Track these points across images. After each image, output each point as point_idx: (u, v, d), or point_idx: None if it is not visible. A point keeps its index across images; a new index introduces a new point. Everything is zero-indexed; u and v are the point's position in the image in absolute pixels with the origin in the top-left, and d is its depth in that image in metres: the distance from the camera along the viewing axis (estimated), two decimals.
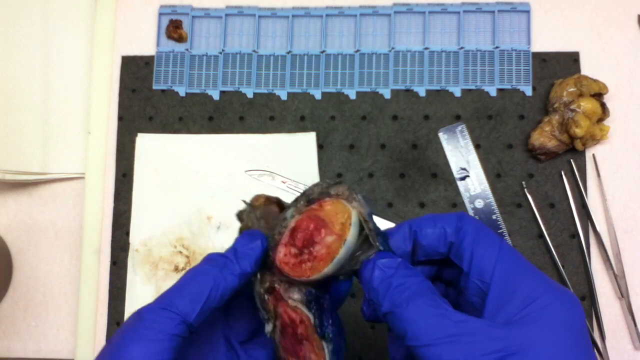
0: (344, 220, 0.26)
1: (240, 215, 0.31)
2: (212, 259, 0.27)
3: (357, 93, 0.50)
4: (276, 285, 0.28)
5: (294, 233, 0.27)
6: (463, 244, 0.26)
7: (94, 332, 0.48)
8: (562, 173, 0.48)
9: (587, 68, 0.49)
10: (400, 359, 0.27)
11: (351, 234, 0.26)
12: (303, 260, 0.26)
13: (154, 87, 0.52)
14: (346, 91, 0.50)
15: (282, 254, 0.27)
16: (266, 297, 0.28)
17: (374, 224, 0.27)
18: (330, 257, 0.26)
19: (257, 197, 0.30)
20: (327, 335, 0.26)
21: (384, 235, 0.28)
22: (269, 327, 0.28)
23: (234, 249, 0.27)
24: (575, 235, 0.47)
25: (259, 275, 0.28)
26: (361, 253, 0.27)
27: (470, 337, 0.22)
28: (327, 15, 0.52)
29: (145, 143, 0.51)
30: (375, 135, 0.50)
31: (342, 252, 0.26)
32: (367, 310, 0.28)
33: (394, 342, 0.28)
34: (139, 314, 0.25)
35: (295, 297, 0.27)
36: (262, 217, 0.29)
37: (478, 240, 0.26)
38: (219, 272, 0.26)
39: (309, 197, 0.28)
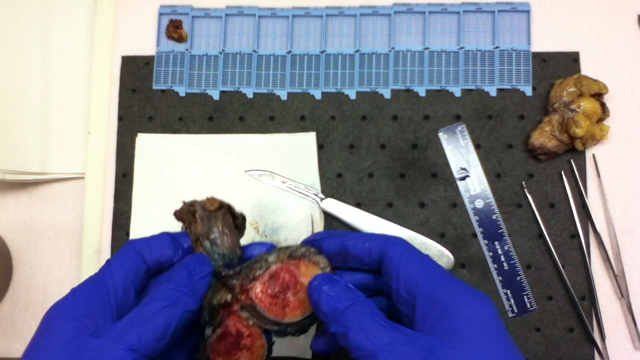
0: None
1: (180, 217, 0.33)
2: (165, 292, 0.28)
3: (357, 93, 0.50)
4: (234, 305, 0.31)
5: (273, 277, 0.31)
6: (391, 264, 0.30)
7: None
8: (562, 173, 0.48)
9: (587, 68, 0.49)
10: (322, 351, 0.32)
11: None
12: (277, 304, 0.30)
13: (154, 87, 0.52)
14: (346, 91, 0.50)
15: (259, 290, 0.30)
16: (217, 308, 0.31)
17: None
18: (302, 311, 0.30)
19: (211, 201, 0.32)
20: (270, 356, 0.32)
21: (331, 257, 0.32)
22: (209, 331, 0.31)
23: (188, 274, 0.29)
24: (575, 235, 0.47)
25: (211, 289, 0.31)
26: None
27: (401, 346, 0.25)
28: (327, 15, 0.52)
29: (145, 143, 0.51)
30: (375, 135, 0.50)
31: (310, 310, 0.30)
32: (316, 346, 0.32)
33: (318, 338, 0.32)
34: (91, 350, 0.26)
35: (248, 319, 0.31)
36: (206, 220, 0.31)
37: (403, 259, 0.29)
38: (175, 309, 0.28)
39: (292, 253, 0.32)
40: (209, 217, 0.32)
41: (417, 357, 0.25)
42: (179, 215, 0.34)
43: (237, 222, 0.33)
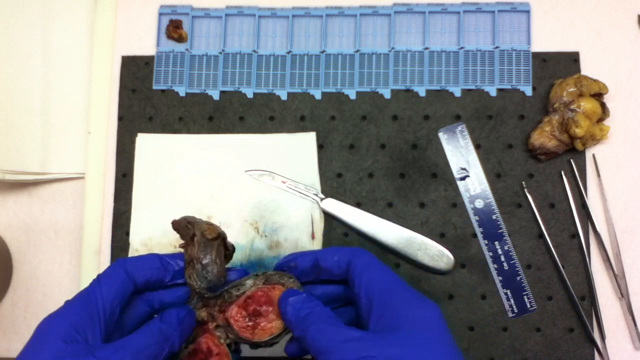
0: None
1: (177, 230, 0.37)
2: (159, 330, 0.32)
3: (357, 93, 0.50)
4: (209, 323, 0.35)
5: (248, 300, 0.34)
6: (355, 272, 0.33)
7: None
8: (562, 173, 0.48)
9: (587, 68, 0.49)
10: (294, 354, 0.36)
11: None
12: (249, 326, 0.34)
13: (154, 87, 0.52)
14: (346, 91, 0.50)
15: (235, 312, 0.34)
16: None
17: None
18: (270, 333, 0.34)
19: (211, 230, 0.35)
20: None
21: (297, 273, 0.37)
22: (182, 346, 0.34)
23: (178, 321, 0.33)
24: (575, 235, 0.47)
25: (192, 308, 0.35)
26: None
27: (352, 343, 0.29)
28: (327, 15, 0.52)
29: (145, 143, 0.51)
30: (375, 135, 0.50)
31: (279, 331, 0.34)
32: (289, 350, 0.36)
33: (291, 343, 0.36)
34: None
35: (220, 337, 0.35)
36: (203, 246, 0.35)
37: (365, 267, 0.33)
38: (164, 345, 0.32)
39: (267, 278, 0.35)
40: (207, 244, 0.35)
41: (365, 351, 0.28)
42: (176, 227, 0.38)
43: (227, 252, 0.37)
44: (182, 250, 0.36)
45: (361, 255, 0.35)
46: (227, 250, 0.37)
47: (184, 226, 0.36)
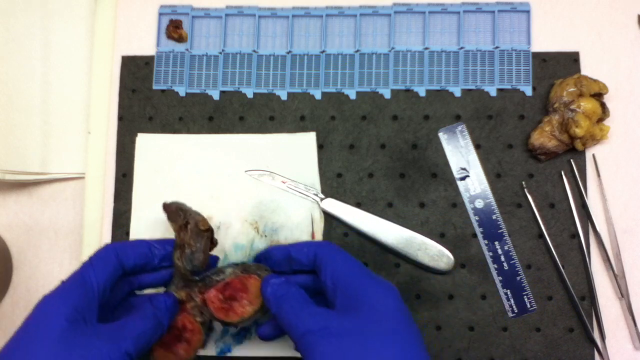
0: (259, 295, 0.38)
1: (168, 213, 0.41)
2: (154, 314, 0.36)
3: (357, 93, 0.50)
4: (187, 303, 0.39)
5: (226, 286, 0.38)
6: (322, 260, 0.37)
7: None
8: (562, 173, 0.48)
9: (587, 68, 0.49)
10: (266, 336, 0.39)
11: (260, 306, 0.38)
12: (224, 308, 0.38)
13: (154, 87, 0.52)
14: (346, 91, 0.50)
15: (213, 295, 0.38)
16: None
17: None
18: (241, 315, 0.38)
19: (204, 222, 0.39)
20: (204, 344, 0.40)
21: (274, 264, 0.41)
22: None
23: (166, 307, 0.37)
24: (575, 235, 0.47)
25: (174, 289, 0.39)
26: (261, 315, 0.39)
27: (319, 317, 0.33)
28: (327, 15, 0.52)
29: (145, 143, 0.51)
30: (375, 135, 0.50)
31: (249, 315, 0.38)
32: (262, 332, 0.39)
33: (263, 326, 0.40)
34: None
35: (196, 316, 0.39)
36: (195, 235, 0.39)
37: (331, 255, 0.37)
38: (158, 328, 0.36)
39: (245, 268, 0.40)
40: (199, 234, 0.39)
41: (327, 322, 0.33)
42: (166, 209, 0.42)
43: (212, 245, 0.41)
44: (167, 237, 0.41)
45: (327, 246, 0.39)
46: (212, 244, 0.41)
47: (174, 211, 0.40)
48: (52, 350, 0.30)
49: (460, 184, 0.49)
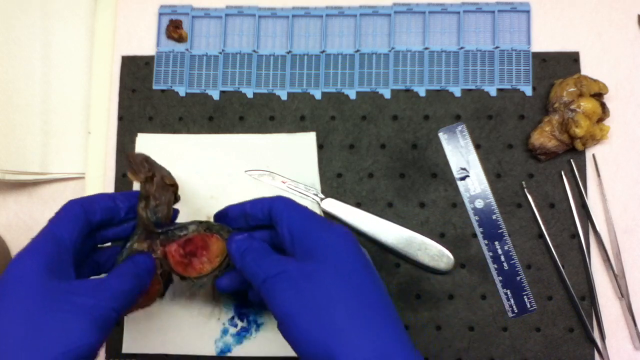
0: (219, 255, 0.40)
1: (131, 162, 0.40)
2: (136, 272, 0.36)
3: (357, 93, 0.50)
4: (152, 252, 0.40)
5: (188, 242, 0.39)
6: (277, 212, 0.38)
7: None
8: (562, 173, 0.48)
9: (587, 68, 0.49)
10: (224, 288, 0.40)
11: (218, 265, 0.40)
12: (183, 263, 0.39)
13: (154, 87, 0.52)
14: (346, 91, 0.50)
15: (174, 249, 0.39)
16: (134, 253, 0.39)
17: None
18: (200, 271, 0.39)
19: (171, 178, 0.41)
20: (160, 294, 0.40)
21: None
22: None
23: (146, 267, 0.38)
24: (575, 235, 0.47)
25: (136, 240, 0.39)
26: (218, 274, 0.40)
27: (277, 263, 0.35)
28: (327, 15, 0.52)
29: (145, 143, 0.51)
30: (375, 135, 0.50)
31: (206, 273, 0.39)
32: (220, 284, 0.40)
33: (222, 278, 0.40)
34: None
35: (157, 267, 0.39)
36: (161, 188, 0.40)
37: (286, 207, 0.38)
38: (140, 284, 0.36)
39: (208, 227, 0.40)
40: (164, 187, 0.40)
41: (284, 266, 0.34)
42: (130, 158, 0.40)
43: (175, 200, 0.42)
44: (131, 190, 0.42)
45: (281, 199, 0.39)
46: (176, 199, 0.42)
47: (140, 162, 0.40)
48: (33, 309, 0.30)
49: (460, 184, 0.49)
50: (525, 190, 0.48)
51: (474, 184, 0.48)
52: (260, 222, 0.40)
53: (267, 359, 0.47)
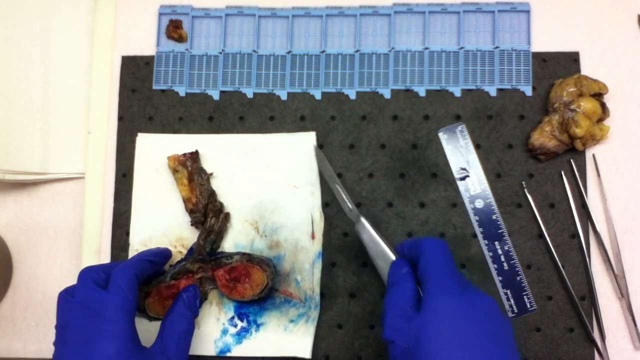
0: (260, 283, 0.45)
1: (202, 192, 0.48)
2: (184, 316, 0.42)
3: (357, 93, 0.50)
4: (195, 274, 0.47)
5: (233, 269, 0.46)
6: (421, 258, 0.39)
7: None
8: (562, 173, 0.48)
9: (587, 68, 0.49)
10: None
11: (258, 292, 0.46)
12: (227, 286, 0.46)
13: (154, 87, 0.52)
14: (346, 91, 0.50)
15: (221, 274, 0.46)
16: (185, 271, 0.47)
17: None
18: (242, 295, 0.46)
19: (227, 216, 0.49)
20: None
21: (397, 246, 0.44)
22: (163, 278, 0.47)
23: (195, 295, 0.44)
24: (575, 235, 0.47)
25: (190, 260, 0.47)
26: (257, 299, 0.47)
27: (397, 328, 0.37)
28: (327, 15, 0.52)
29: (145, 143, 0.51)
30: (375, 135, 0.50)
31: (248, 298, 0.46)
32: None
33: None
34: None
35: (207, 286, 0.48)
36: (221, 225, 0.48)
37: (428, 257, 0.39)
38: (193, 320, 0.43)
39: (249, 258, 0.46)
40: (224, 224, 0.48)
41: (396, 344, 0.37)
42: (194, 157, 0.49)
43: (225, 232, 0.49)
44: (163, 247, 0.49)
45: (428, 242, 0.40)
46: (226, 231, 0.49)
47: (211, 193, 0.48)
48: None
49: (460, 184, 0.49)
50: (525, 190, 0.48)
51: (474, 184, 0.48)
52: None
53: (267, 359, 0.47)
